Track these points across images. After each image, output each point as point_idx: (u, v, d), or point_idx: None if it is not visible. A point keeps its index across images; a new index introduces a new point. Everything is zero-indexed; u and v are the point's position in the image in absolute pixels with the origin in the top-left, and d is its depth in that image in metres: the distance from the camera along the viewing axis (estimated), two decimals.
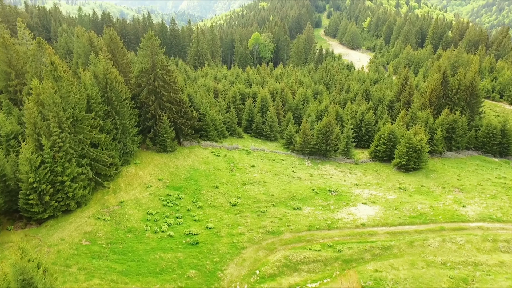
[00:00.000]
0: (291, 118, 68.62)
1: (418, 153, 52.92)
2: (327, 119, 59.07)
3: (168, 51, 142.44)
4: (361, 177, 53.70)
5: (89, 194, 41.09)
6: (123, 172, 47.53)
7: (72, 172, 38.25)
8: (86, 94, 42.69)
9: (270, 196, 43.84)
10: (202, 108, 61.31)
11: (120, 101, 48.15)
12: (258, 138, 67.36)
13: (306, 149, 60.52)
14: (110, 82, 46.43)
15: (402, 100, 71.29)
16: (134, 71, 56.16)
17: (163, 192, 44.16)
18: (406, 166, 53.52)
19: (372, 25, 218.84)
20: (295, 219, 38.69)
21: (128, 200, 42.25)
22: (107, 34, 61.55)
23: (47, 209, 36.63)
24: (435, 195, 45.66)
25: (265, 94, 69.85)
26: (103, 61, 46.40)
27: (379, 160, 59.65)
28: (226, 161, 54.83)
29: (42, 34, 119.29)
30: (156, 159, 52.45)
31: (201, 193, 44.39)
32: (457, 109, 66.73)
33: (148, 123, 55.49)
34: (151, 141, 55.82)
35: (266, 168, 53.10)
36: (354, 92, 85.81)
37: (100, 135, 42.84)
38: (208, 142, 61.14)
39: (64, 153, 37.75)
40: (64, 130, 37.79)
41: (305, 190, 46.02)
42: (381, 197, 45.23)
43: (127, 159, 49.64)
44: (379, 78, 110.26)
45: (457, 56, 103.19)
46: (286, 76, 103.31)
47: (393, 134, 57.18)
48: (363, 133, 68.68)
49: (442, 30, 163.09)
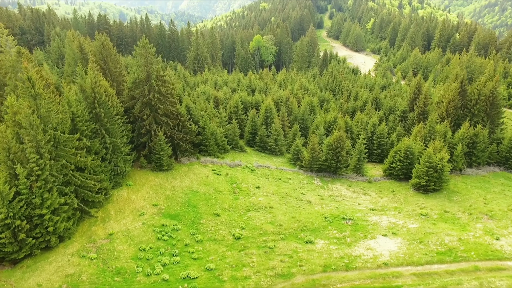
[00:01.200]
0: (297, 131, 63.78)
1: (439, 172, 48.11)
2: (338, 134, 54.25)
3: (166, 55, 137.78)
4: (376, 200, 48.87)
5: (73, 226, 36.29)
6: (114, 197, 42.71)
7: (53, 203, 33.43)
8: (70, 112, 37.87)
9: (278, 227, 38.99)
10: (201, 121, 56.50)
11: (110, 117, 43.33)
12: (262, 152, 62.52)
13: (314, 166, 55.72)
14: (98, 97, 41.61)
15: (416, 110, 66.46)
16: (127, 81, 51.29)
17: (158, 221, 39.33)
18: (425, 187, 48.71)
19: (376, 27, 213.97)
20: (307, 257, 33.85)
21: (118, 231, 37.43)
22: (99, 40, 56.81)
23: (22, 247, 31.84)
24: (462, 224, 40.83)
25: (269, 104, 65.04)
26: (91, 72, 41.56)
27: (395, 178, 54.83)
28: (228, 181, 50.02)
29: (35, 37, 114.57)
30: (151, 180, 47.65)
31: (201, 223, 39.56)
32: (476, 120, 61.93)
33: (142, 139, 50.65)
34: (146, 158, 51.01)
35: (272, 190, 48.26)
36: (363, 100, 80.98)
37: (86, 158, 38.01)
38: (208, 158, 56.33)
39: (44, 182, 32.93)
40: (43, 156, 32.96)
41: (317, 218, 41.18)
42: (401, 226, 40.41)
43: (118, 181, 44.84)
44: (386, 84, 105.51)
45: (469, 60, 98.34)
46: (290, 82, 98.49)
47: (410, 151, 52.35)
48: (375, 147, 63.85)
49: (449, 32, 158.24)
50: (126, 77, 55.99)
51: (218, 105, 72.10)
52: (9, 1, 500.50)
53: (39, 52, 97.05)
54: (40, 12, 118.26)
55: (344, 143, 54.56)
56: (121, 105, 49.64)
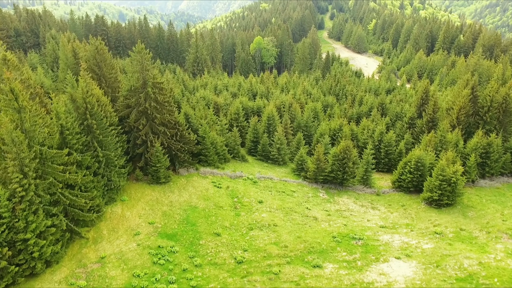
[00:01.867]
0: (301, 139, 60.96)
1: (452, 186, 45.36)
2: (344, 144, 51.47)
3: (165, 57, 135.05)
4: (386, 215, 46.10)
5: (62, 249, 33.50)
6: (107, 214, 39.93)
7: (39, 226, 30.66)
8: (59, 125, 35.06)
9: (283, 248, 36.21)
10: (201, 129, 53.75)
11: (103, 129, 40.54)
12: (265, 161, 59.71)
13: (320, 177, 52.94)
14: (90, 107, 38.82)
15: (425, 117, 63.63)
16: (122, 89, 48.46)
17: (154, 242, 36.55)
18: (438, 201, 45.93)
19: (378, 28, 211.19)
20: (316, 284, 31.08)
21: (111, 254, 34.66)
22: (93, 45, 53.96)
23: (4, 276, 29.03)
24: (481, 244, 38.05)
25: (272, 111, 62.25)
26: (83, 81, 38.76)
27: (404, 191, 52.05)
28: (229, 194, 47.24)
29: (31, 39, 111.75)
30: (147, 194, 44.87)
31: (200, 244, 36.77)
32: (488, 128, 59.17)
33: (138, 150, 47.83)
34: (142, 170, 48.22)
35: (275, 205, 45.48)
36: (368, 105, 78.18)
37: (76, 174, 35.22)
38: (208, 168, 53.54)
39: (28, 203, 30.14)
40: (27, 175, 30.17)
41: (324, 237, 38.40)
42: (415, 246, 37.63)
43: (112, 197, 42.05)
44: (391, 87, 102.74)
45: (477, 64, 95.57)
46: (292, 86, 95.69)
47: (421, 162, 49.57)
48: (382, 155, 61.08)
49: (453, 34, 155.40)
50: (123, 82, 53.17)
51: (218, 111, 69.36)
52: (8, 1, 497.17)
53: (33, 55, 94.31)
54: (35, 13, 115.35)
55: (351, 153, 51.78)
56: (116, 114, 46.91)
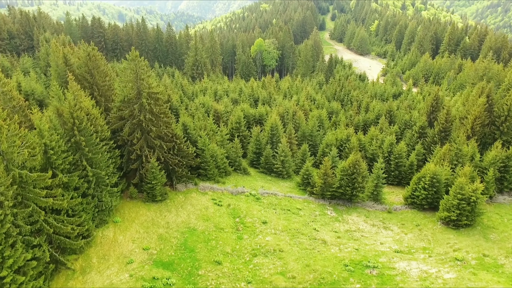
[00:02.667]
0: (306, 151, 57.54)
1: (472, 205, 41.96)
2: (354, 157, 48.05)
3: (164, 60, 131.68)
4: (400, 236, 42.68)
5: (45, 284, 30.06)
6: (98, 238, 36.51)
7: (17, 261, 27.21)
8: (42, 144, 31.62)
9: (291, 280, 32.78)
10: (200, 141, 50.37)
11: (93, 146, 37.10)
12: (268, 174, 56.28)
13: (327, 193, 49.53)
14: (78, 123, 35.36)
15: (437, 127, 60.25)
16: (115, 100, 44.98)
17: (148, 272, 33.11)
18: (456, 221, 42.51)
19: (381, 29, 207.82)
20: None
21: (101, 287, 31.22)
22: (85, 51, 50.57)
23: None
24: (509, 274, 34.65)
25: (275, 120, 58.81)
26: (70, 94, 35.30)
27: (418, 208, 48.63)
28: (230, 213, 43.83)
29: (24, 42, 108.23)
30: (142, 214, 41.48)
31: (199, 274, 33.33)
32: (505, 139, 55.78)
33: (132, 166, 44.39)
34: (136, 187, 44.80)
35: (281, 226, 42.03)
36: (375, 112, 74.79)
37: (62, 198, 31.77)
38: (208, 183, 50.18)
39: (4, 236, 26.72)
40: (2, 205, 26.73)
41: (335, 265, 34.97)
42: (435, 276, 34.21)
43: (103, 219, 38.62)
44: (397, 92, 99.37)
45: (486, 68, 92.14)
46: (295, 91, 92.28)
47: (437, 178, 46.15)
48: (392, 168, 57.67)
49: (458, 36, 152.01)
50: (116, 91, 49.71)
51: (219, 119, 65.95)
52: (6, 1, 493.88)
53: (26, 59, 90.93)
54: (30, 15, 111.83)
55: (360, 167, 48.40)
56: (108, 127, 43.49)
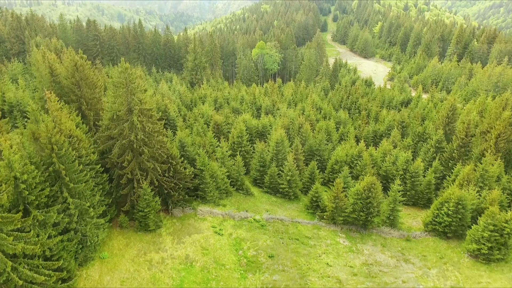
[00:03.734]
0: (315, 169, 52.75)
1: (505, 237, 37.23)
2: (369, 180, 43.28)
3: (162, 64, 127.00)
4: (423, 271, 37.91)
5: None
6: (81, 280, 31.89)
7: None
8: (12, 178, 26.86)
9: None
10: (199, 160, 45.63)
11: (76, 173, 32.35)
12: (273, 195, 51.52)
13: (339, 218, 44.77)
14: (57, 148, 30.56)
15: (456, 142, 55.50)
16: (103, 118, 40.16)
17: None
18: (488, 256, 37.76)
19: (384, 31, 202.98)
20: None
21: None
22: (72, 60, 45.94)
23: None
24: None
25: (281, 135, 54.00)
26: (47, 117, 30.55)
27: (440, 235, 43.86)
28: (232, 244, 39.09)
29: (15, 46, 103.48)
30: (133, 246, 36.80)
31: None
32: None
33: (122, 191, 39.64)
34: (127, 215, 40.09)
35: (289, 261, 37.27)
36: (386, 123, 70.03)
37: (37, 239, 27.05)
38: (207, 207, 45.44)
39: None
40: None
41: None
42: None
43: (88, 255, 33.93)
44: (406, 99, 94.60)
45: (501, 74, 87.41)
46: (299, 99, 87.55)
47: (462, 204, 41.39)
48: (408, 187, 52.91)
49: (466, 39, 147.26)
50: (105, 106, 44.93)
51: (219, 132, 61.22)
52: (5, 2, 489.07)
53: (16, 65, 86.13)
54: (21, 18, 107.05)
55: (376, 191, 43.64)
56: (95, 147, 38.81)
